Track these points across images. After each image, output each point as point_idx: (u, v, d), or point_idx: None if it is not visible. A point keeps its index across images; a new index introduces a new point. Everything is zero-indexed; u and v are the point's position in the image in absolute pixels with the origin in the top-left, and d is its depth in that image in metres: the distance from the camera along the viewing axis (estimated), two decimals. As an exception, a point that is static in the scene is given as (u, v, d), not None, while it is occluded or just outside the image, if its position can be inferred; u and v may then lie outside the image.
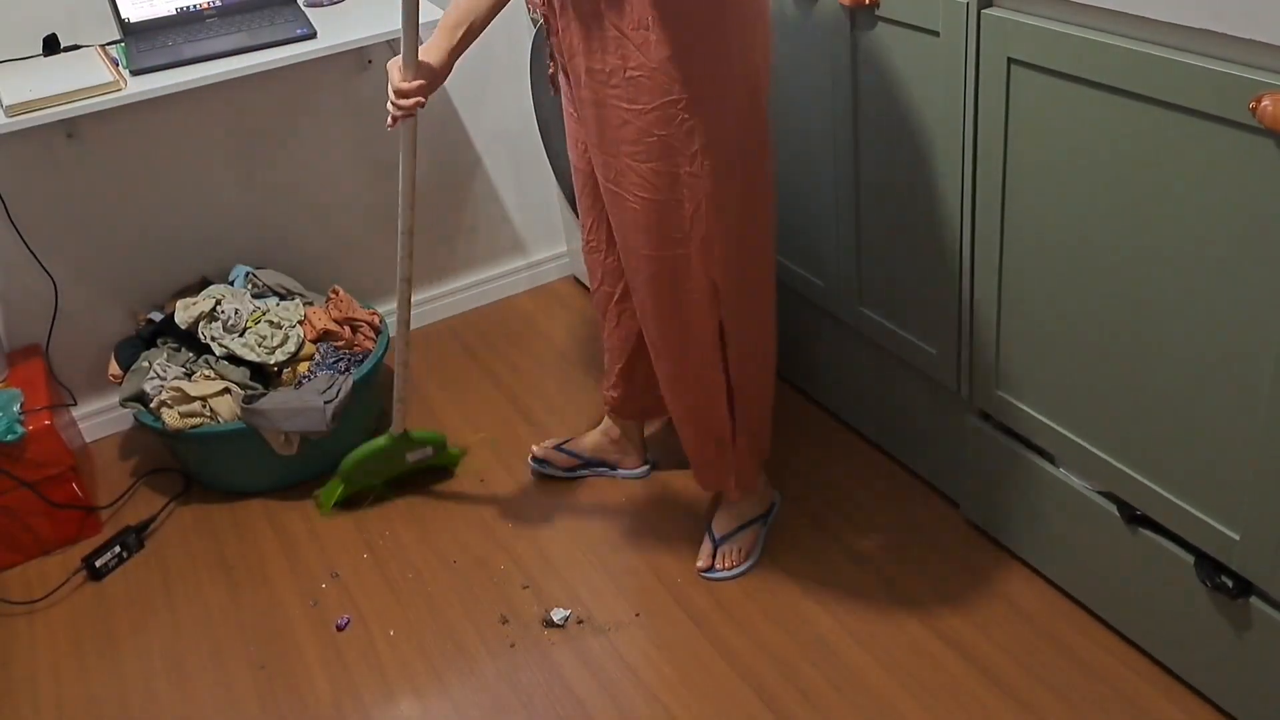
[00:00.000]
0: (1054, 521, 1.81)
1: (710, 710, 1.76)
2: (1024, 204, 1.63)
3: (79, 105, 2.09)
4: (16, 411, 2.18)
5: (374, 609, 2.05)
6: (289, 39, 2.26)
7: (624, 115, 1.61)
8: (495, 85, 2.77)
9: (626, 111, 1.61)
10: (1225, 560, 1.51)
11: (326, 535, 2.24)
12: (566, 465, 2.29)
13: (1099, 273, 1.54)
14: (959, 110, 1.67)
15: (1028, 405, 1.77)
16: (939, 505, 2.09)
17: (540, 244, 3.02)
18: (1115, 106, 1.42)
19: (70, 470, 2.26)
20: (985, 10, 1.57)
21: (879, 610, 1.90)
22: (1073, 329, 1.62)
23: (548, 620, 1.95)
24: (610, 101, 1.62)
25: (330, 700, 1.88)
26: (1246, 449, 1.42)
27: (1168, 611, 1.65)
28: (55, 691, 1.97)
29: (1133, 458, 1.60)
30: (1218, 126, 1.30)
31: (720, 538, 2.03)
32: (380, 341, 2.47)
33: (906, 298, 1.95)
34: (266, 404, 2.21)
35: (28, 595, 2.19)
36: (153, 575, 2.21)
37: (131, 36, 2.32)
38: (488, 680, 1.87)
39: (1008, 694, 1.72)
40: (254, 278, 2.50)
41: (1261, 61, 1.24)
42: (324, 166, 2.65)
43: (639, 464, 2.28)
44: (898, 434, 2.18)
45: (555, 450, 2.30)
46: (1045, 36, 1.48)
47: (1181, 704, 1.66)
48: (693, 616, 1.93)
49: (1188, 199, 1.38)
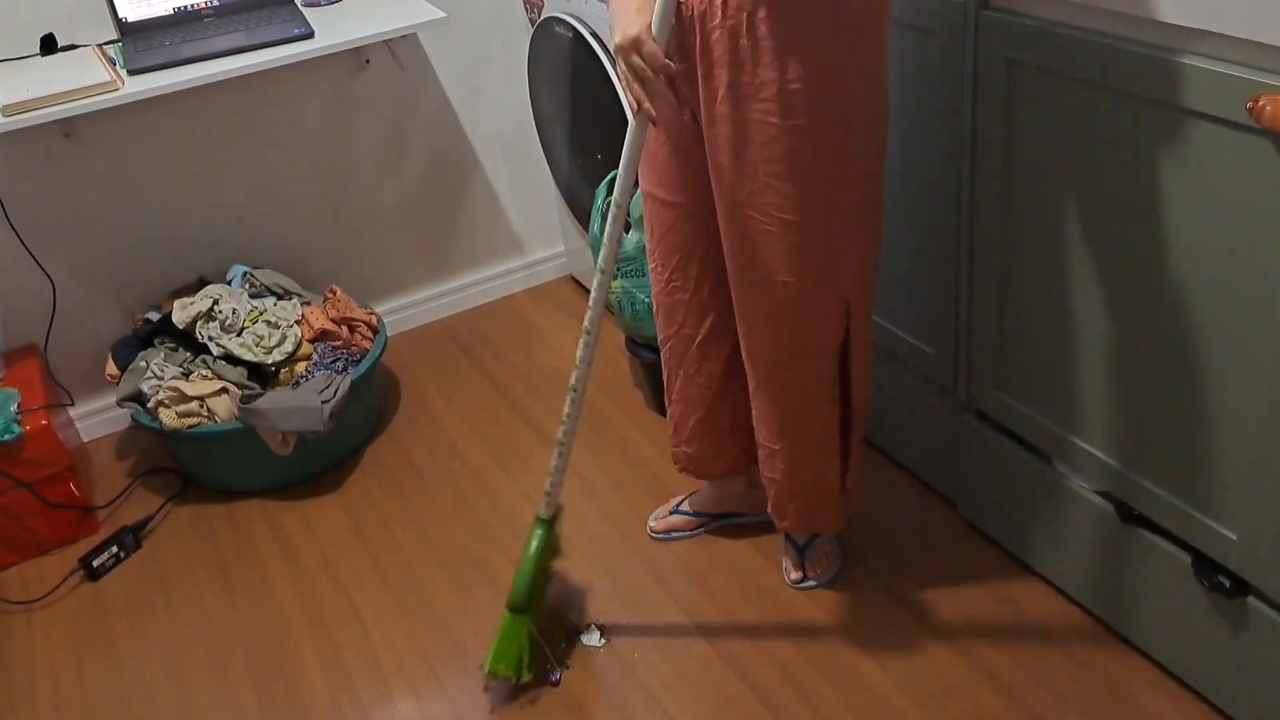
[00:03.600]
0: (1051, 521, 1.81)
1: (709, 711, 1.76)
2: (1022, 204, 1.63)
3: (76, 105, 2.09)
4: (14, 411, 2.18)
5: (372, 609, 2.05)
6: (286, 39, 2.26)
7: (772, 132, 1.51)
8: (493, 85, 2.77)
9: (776, 128, 1.51)
10: (1222, 560, 1.51)
11: (324, 535, 2.24)
12: (691, 527, 2.12)
13: (1097, 273, 1.54)
14: (958, 110, 1.67)
15: (1025, 405, 1.77)
16: (937, 505, 2.10)
17: (538, 244, 3.02)
18: (1114, 107, 1.42)
19: (67, 470, 2.26)
20: (983, 10, 1.57)
21: (877, 610, 1.90)
22: (1071, 329, 1.62)
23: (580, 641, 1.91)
24: (755, 118, 1.52)
25: (328, 700, 1.87)
26: (1244, 449, 1.42)
27: (1165, 611, 1.65)
28: (53, 691, 1.97)
29: (1130, 458, 1.60)
30: (1216, 127, 1.30)
31: (804, 545, 1.96)
32: (378, 341, 2.47)
33: (905, 298, 1.95)
34: (264, 404, 2.21)
35: (25, 595, 2.18)
36: (150, 575, 2.20)
37: (129, 36, 2.32)
38: (486, 681, 1.86)
39: (1005, 693, 1.72)
40: (251, 277, 2.50)
41: (1259, 62, 1.24)
42: (321, 166, 2.65)
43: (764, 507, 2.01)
44: (895, 433, 2.18)
45: (674, 515, 2.13)
46: (1043, 37, 1.48)
47: (1178, 703, 1.66)
48: (691, 617, 1.93)
49: (1186, 199, 1.38)
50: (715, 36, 1.50)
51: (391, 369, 2.74)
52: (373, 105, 2.65)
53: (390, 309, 2.86)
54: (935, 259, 1.83)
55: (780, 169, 1.54)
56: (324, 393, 2.25)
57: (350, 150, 2.67)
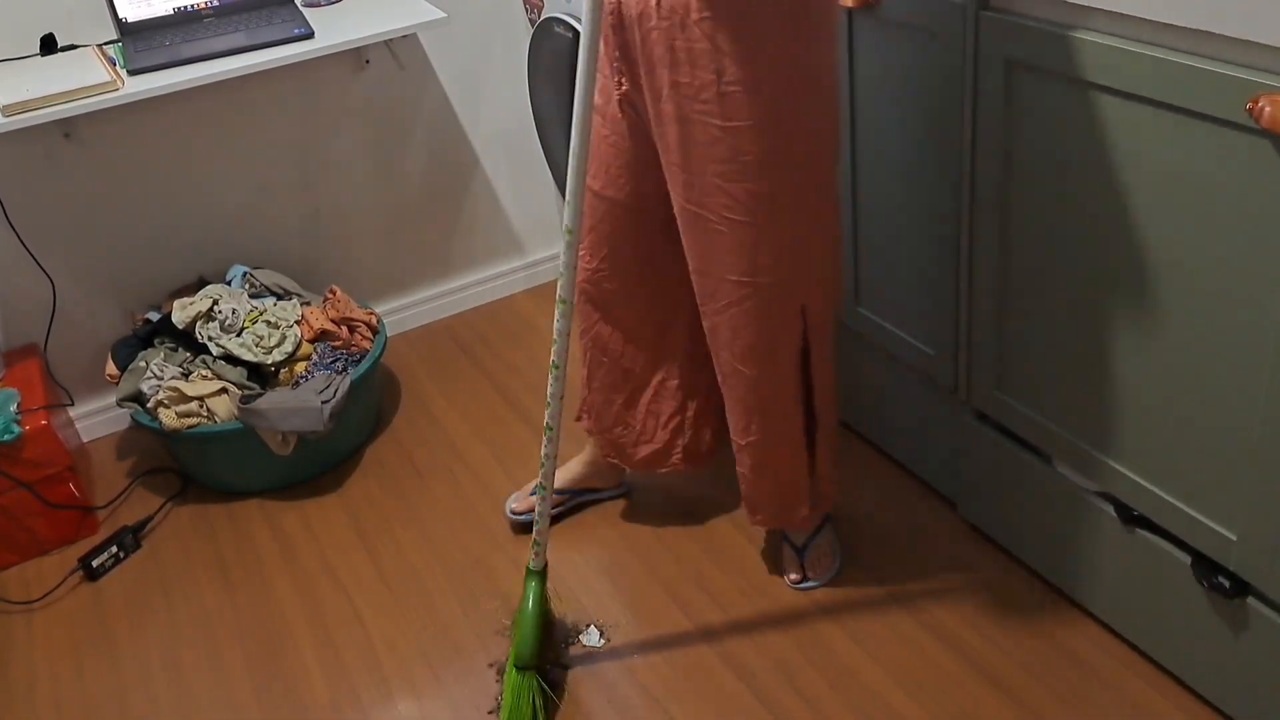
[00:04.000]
0: (1051, 522, 1.81)
1: (709, 711, 1.76)
2: (1022, 205, 1.63)
3: (76, 105, 2.09)
4: (14, 411, 2.18)
5: (372, 609, 2.04)
6: (286, 39, 2.26)
7: (714, 133, 1.51)
8: (493, 85, 2.77)
9: (718, 129, 1.50)
10: (1222, 561, 1.51)
11: (324, 535, 2.24)
12: (552, 505, 2.10)
13: (1097, 274, 1.54)
14: (957, 111, 1.67)
15: (1025, 406, 1.77)
16: (936, 505, 2.09)
17: (538, 244, 3.02)
18: (1113, 107, 1.42)
19: (67, 470, 2.26)
20: (984, 11, 1.57)
21: (876, 610, 1.90)
22: (1071, 330, 1.62)
23: (580, 641, 1.91)
24: (698, 119, 1.51)
25: (328, 701, 1.87)
26: (1244, 449, 1.42)
27: (1165, 611, 1.65)
28: (53, 692, 1.97)
29: (1130, 458, 1.60)
30: (1216, 127, 1.30)
31: (802, 546, 1.96)
32: (378, 341, 2.47)
33: (905, 298, 1.96)
34: (264, 404, 2.21)
35: (25, 596, 2.18)
36: (150, 575, 2.20)
37: (129, 36, 2.32)
38: (486, 681, 1.86)
39: (1005, 693, 1.72)
40: (251, 277, 2.50)
41: (1259, 63, 1.24)
42: (321, 166, 2.65)
43: (620, 482, 2.21)
44: (896, 434, 2.18)
45: (534, 495, 2.10)
46: (1043, 37, 1.48)
47: (1178, 703, 1.66)
48: (690, 617, 1.93)
49: (1186, 200, 1.38)
50: (654, 38, 1.50)
51: (391, 369, 2.74)
52: (373, 105, 2.64)
53: (390, 309, 2.86)
54: (935, 259, 1.83)
55: (726, 170, 1.53)
56: (324, 393, 2.25)
57: (350, 150, 2.67)
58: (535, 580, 1.81)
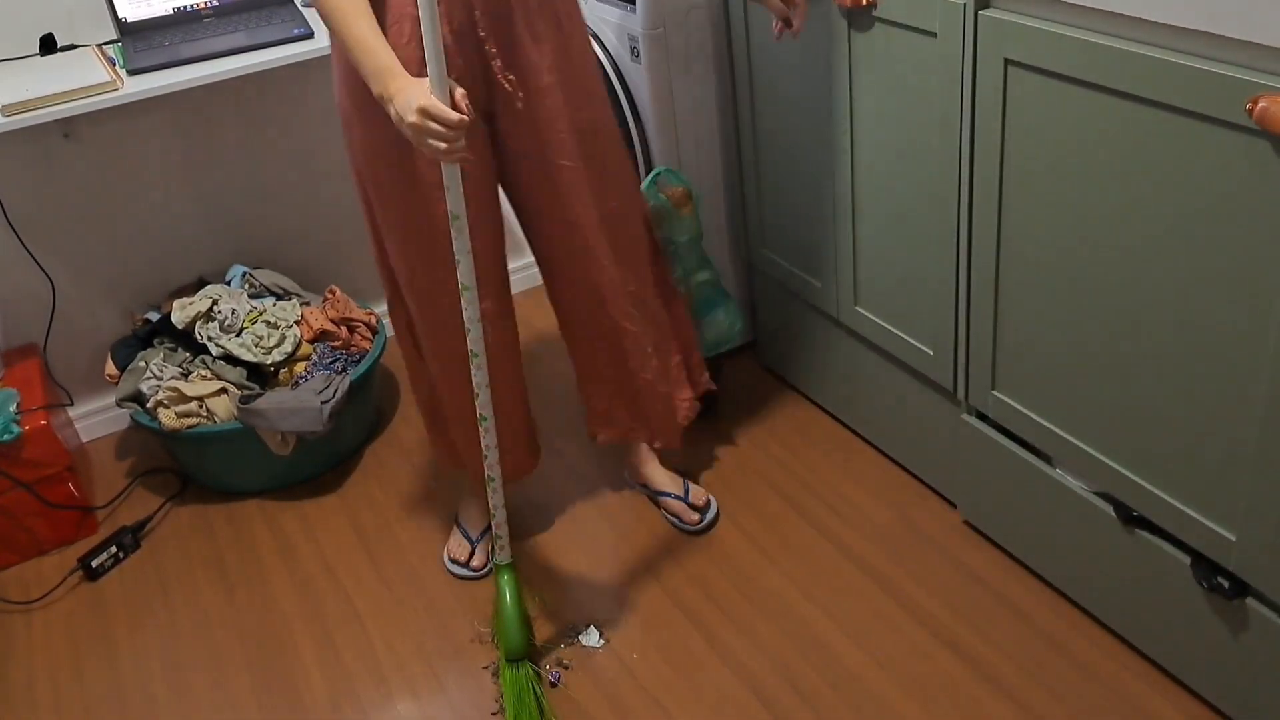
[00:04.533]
0: (1051, 522, 1.81)
1: (708, 711, 1.76)
2: (1021, 205, 1.63)
3: (76, 105, 2.09)
4: (13, 411, 2.18)
5: (372, 609, 2.05)
6: (286, 39, 2.26)
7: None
8: (493, 85, 2.76)
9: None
10: (1222, 561, 1.51)
11: (323, 536, 2.24)
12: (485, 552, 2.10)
13: (1095, 274, 1.54)
14: (956, 111, 1.67)
15: (1024, 406, 1.77)
16: (936, 505, 2.09)
17: (537, 244, 3.02)
18: (1112, 108, 1.42)
19: (67, 470, 2.26)
20: (982, 11, 1.57)
21: (876, 610, 1.90)
22: (1069, 330, 1.62)
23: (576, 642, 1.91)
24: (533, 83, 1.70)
25: (328, 701, 1.87)
26: (1244, 450, 1.42)
27: (1164, 612, 1.65)
28: (52, 692, 1.97)
29: (1129, 459, 1.60)
30: (1214, 128, 1.30)
31: (683, 493, 2.12)
32: (377, 341, 2.47)
33: (903, 298, 1.96)
34: (263, 404, 2.21)
35: (24, 596, 2.18)
36: (149, 575, 2.20)
37: (129, 36, 2.32)
38: (486, 681, 1.86)
39: (1005, 694, 1.72)
40: (251, 278, 2.50)
41: (1258, 63, 1.24)
42: (321, 166, 2.65)
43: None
44: (895, 434, 2.18)
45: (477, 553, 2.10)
46: (1042, 38, 1.48)
47: (1178, 704, 1.66)
48: (690, 617, 1.93)
49: (1184, 200, 1.38)
50: (514, 17, 1.65)
51: (391, 369, 2.73)
52: (372, 105, 2.64)
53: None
54: (934, 259, 1.83)
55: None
56: (323, 393, 2.25)
57: (350, 150, 2.67)
58: (506, 573, 1.86)
